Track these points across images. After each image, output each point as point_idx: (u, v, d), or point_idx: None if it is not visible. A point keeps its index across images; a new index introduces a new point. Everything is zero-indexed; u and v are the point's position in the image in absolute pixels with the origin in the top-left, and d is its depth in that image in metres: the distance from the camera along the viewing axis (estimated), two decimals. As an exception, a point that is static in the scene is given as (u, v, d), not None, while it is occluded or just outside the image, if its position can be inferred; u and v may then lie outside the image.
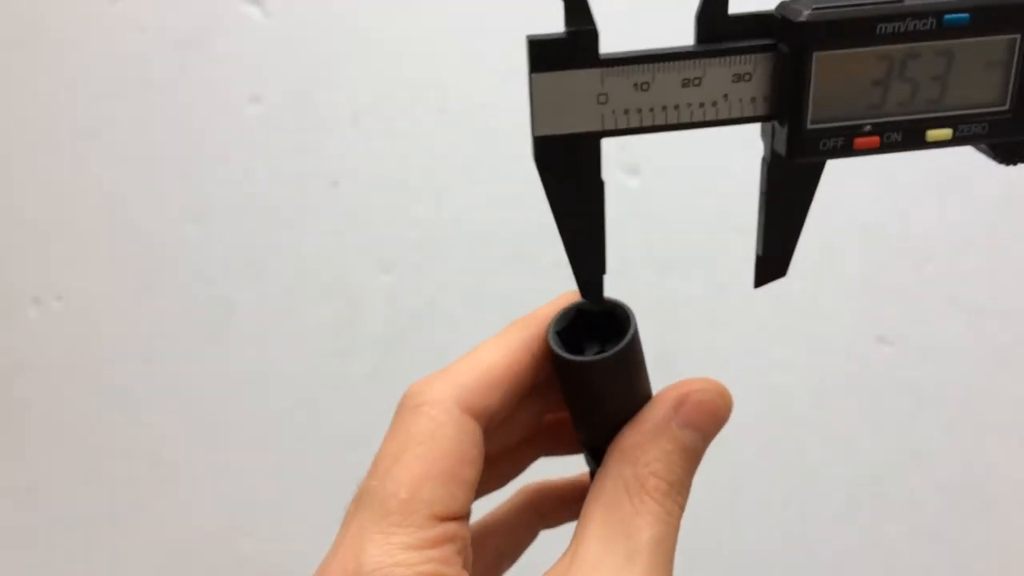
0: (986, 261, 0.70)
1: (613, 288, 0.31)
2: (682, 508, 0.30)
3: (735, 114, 0.28)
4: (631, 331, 0.30)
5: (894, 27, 0.27)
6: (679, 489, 0.30)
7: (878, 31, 0.27)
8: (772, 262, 0.31)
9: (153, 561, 0.85)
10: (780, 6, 0.28)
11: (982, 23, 0.27)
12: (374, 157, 0.75)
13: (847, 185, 0.64)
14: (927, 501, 0.74)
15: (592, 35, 0.27)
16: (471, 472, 0.29)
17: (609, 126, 0.28)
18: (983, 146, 0.29)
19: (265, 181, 0.77)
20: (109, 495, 0.84)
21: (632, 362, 0.31)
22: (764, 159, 0.30)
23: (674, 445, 0.30)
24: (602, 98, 0.28)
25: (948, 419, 0.73)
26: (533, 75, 0.27)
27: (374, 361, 0.78)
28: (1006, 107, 0.28)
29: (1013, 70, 0.28)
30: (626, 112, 0.28)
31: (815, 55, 0.27)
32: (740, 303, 0.73)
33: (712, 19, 0.28)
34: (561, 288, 0.33)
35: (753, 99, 0.28)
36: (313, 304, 0.78)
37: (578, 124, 0.28)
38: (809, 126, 0.28)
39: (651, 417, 0.31)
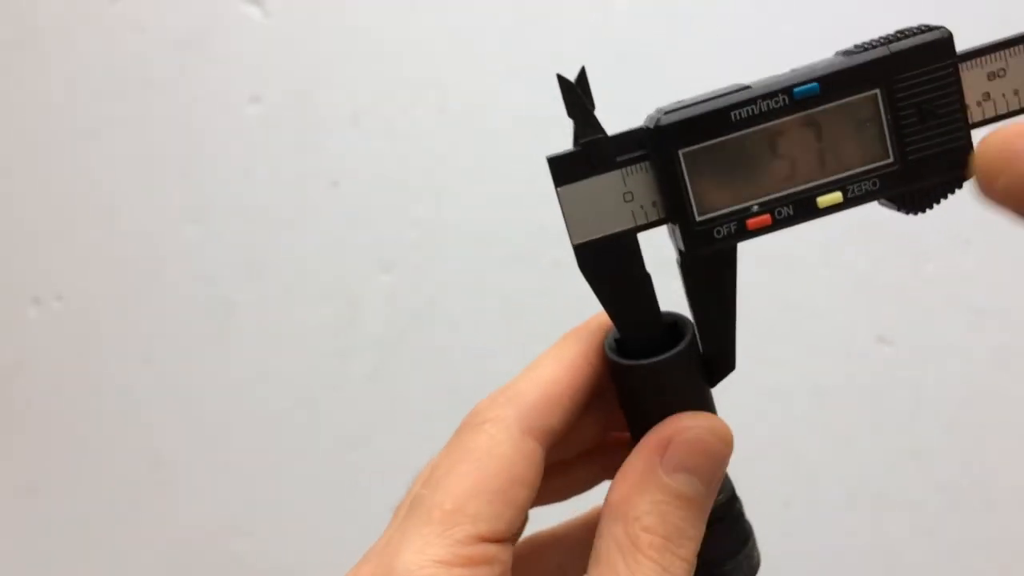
0: (986, 261, 0.70)
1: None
2: (688, 559, 0.28)
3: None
4: (686, 340, 0.30)
5: (747, 111, 0.27)
6: (679, 541, 0.27)
7: (733, 118, 0.27)
8: (718, 359, 0.31)
9: (153, 561, 0.84)
10: (647, 118, 0.29)
11: (834, 89, 0.27)
12: (374, 157, 0.75)
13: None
14: (927, 501, 0.74)
15: (604, 142, 0.28)
16: (523, 494, 0.28)
17: (641, 221, 0.29)
18: (885, 202, 0.29)
19: (265, 181, 0.77)
20: (109, 495, 0.84)
21: (684, 373, 0.30)
22: (676, 260, 0.30)
23: (665, 495, 0.27)
24: (628, 196, 0.29)
25: (948, 419, 0.73)
26: (558, 189, 0.28)
27: (374, 361, 0.78)
28: (891, 160, 0.28)
29: (885, 123, 0.28)
30: (654, 204, 0.29)
31: (680, 153, 0.28)
32: (739, 303, 0.73)
33: (592, 144, 0.28)
34: (560, 288, 0.33)
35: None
36: (313, 304, 0.78)
37: (612, 225, 0.29)
38: (698, 219, 0.28)
39: (634, 466, 0.28)
